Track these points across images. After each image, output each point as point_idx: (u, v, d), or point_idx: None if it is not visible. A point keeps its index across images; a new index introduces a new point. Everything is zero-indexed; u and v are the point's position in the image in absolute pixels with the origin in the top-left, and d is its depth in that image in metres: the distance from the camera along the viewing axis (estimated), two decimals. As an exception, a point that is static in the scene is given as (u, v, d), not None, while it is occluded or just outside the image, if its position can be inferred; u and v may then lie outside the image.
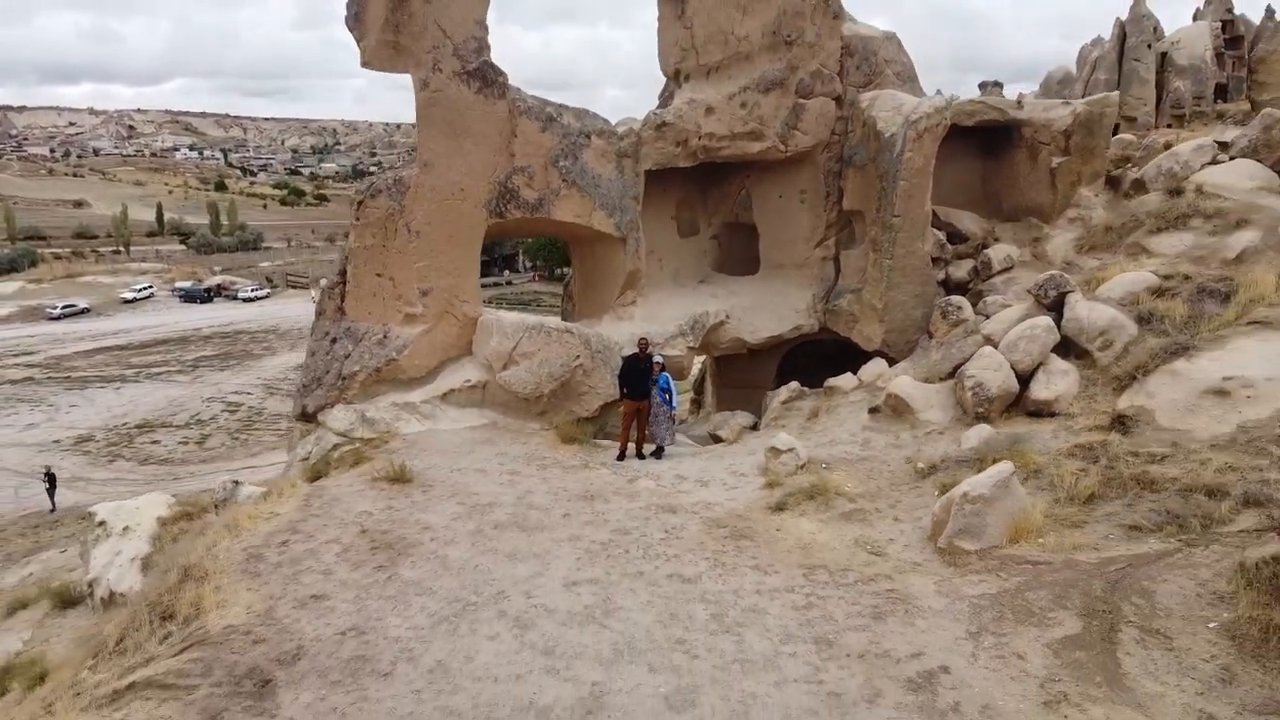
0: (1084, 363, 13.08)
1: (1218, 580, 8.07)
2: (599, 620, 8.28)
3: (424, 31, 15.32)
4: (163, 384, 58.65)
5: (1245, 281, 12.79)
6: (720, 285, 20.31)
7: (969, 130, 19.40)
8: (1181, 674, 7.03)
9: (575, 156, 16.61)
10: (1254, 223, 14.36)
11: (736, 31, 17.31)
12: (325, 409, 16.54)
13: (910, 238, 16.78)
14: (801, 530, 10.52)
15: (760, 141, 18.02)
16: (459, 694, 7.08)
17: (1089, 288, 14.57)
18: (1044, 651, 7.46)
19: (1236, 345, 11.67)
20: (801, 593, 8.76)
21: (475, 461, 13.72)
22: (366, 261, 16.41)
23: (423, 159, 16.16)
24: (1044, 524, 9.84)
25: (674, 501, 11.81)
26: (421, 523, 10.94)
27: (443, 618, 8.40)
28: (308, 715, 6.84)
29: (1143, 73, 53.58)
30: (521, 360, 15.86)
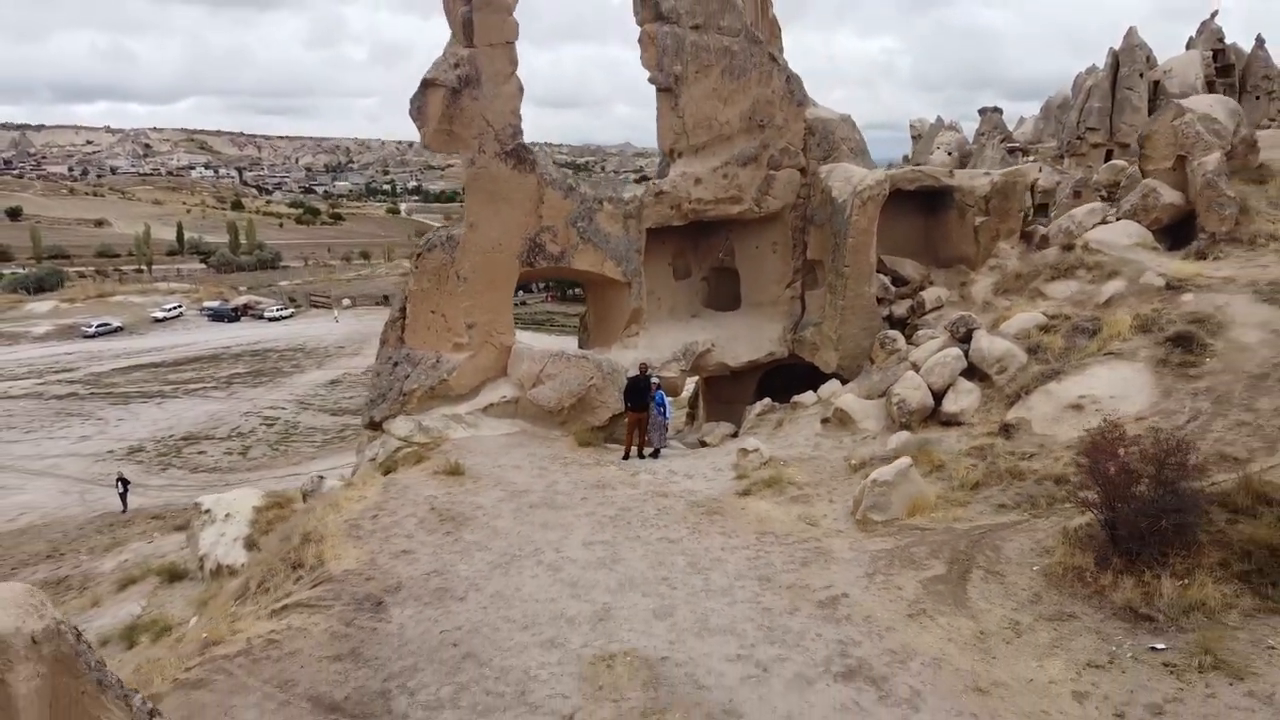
0: (985, 384, 15.45)
1: (1048, 540, 10.45)
2: (608, 566, 10.72)
3: (472, 122, 17.87)
4: (201, 399, 57.50)
5: (1108, 321, 15.16)
6: (708, 319, 22.61)
7: (912, 193, 21.76)
8: (1006, 598, 9.44)
9: (590, 218, 19.10)
10: (1122, 274, 16.71)
11: (719, 118, 19.77)
12: (389, 419, 18.94)
13: (857, 283, 19.24)
14: (759, 509, 12.91)
15: (739, 205, 20.39)
16: (512, 609, 9.53)
17: (995, 324, 16.98)
18: (916, 585, 9.87)
19: (1093, 371, 14.07)
20: (753, 549, 11.18)
21: (511, 460, 16.07)
22: (423, 301, 18.91)
23: (469, 220, 18.69)
24: (936, 503, 12.23)
25: (666, 489, 14.19)
26: (475, 503, 13.37)
27: (497, 564, 10.86)
28: (411, 622, 9.30)
29: (1135, 101, 52.45)
30: (547, 380, 18.30)
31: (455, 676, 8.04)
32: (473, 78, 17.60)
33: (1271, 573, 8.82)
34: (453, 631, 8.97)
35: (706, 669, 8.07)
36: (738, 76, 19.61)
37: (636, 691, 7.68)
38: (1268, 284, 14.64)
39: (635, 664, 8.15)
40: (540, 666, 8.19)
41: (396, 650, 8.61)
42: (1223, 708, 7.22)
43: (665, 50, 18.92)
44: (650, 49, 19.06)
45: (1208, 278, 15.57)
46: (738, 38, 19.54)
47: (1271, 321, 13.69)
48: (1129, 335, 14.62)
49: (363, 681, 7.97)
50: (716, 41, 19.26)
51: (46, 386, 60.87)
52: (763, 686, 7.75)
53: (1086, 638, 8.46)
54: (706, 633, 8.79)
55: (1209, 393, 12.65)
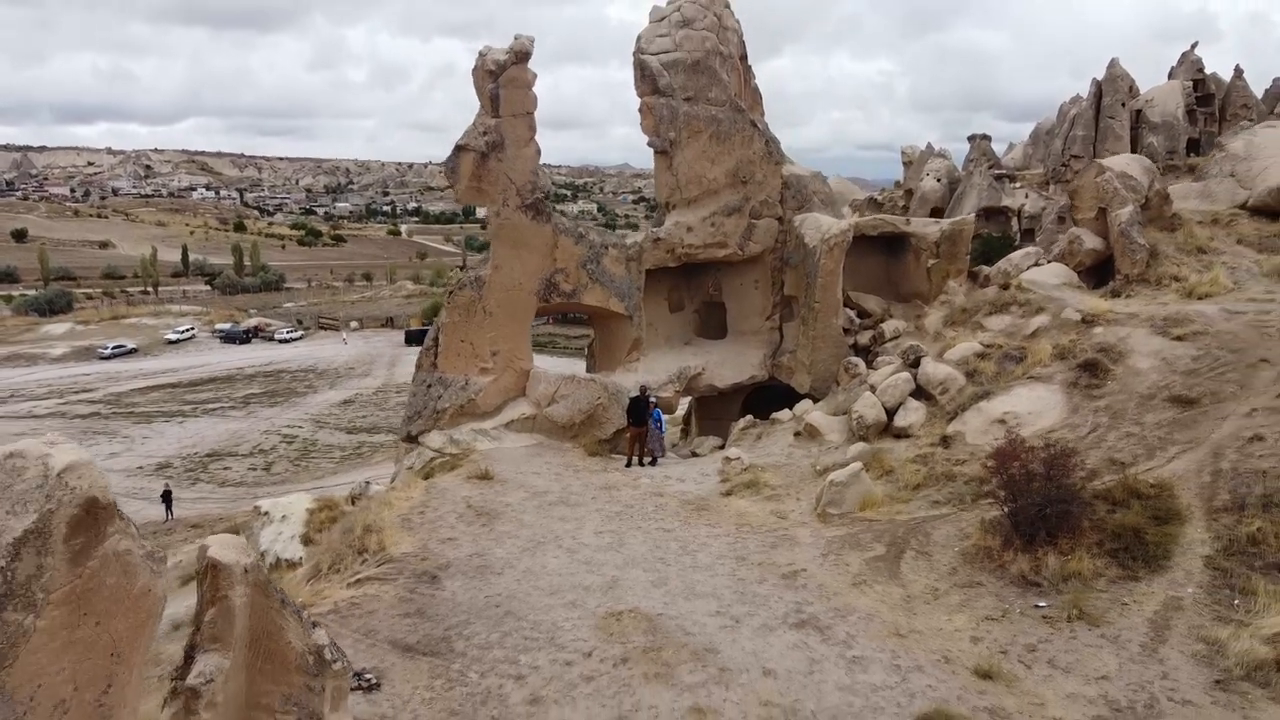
0: (930, 402, 17.27)
1: (968, 528, 12.23)
2: (615, 549, 12.52)
3: (498, 180, 19.81)
4: (220, 419, 56.46)
5: (1032, 350, 17.00)
6: (699, 346, 24.39)
7: (875, 238, 23.75)
8: (930, 571, 11.26)
9: (598, 261, 21.00)
10: (1047, 310, 18.57)
11: (708, 176, 21.69)
12: (424, 433, 20.72)
13: (826, 316, 21.12)
14: (739, 505, 14.69)
15: (725, 249, 22.22)
16: (540, 581, 11.33)
17: (941, 352, 18.82)
18: (860, 562, 11.68)
19: (1017, 392, 15.90)
20: (732, 536, 12.98)
21: (531, 467, 17.82)
22: (454, 332, 20.76)
23: (494, 263, 20.60)
24: (883, 500, 14.02)
25: (662, 490, 15.98)
26: (503, 501, 15.16)
27: (525, 548, 12.65)
28: (460, 590, 11.09)
29: (1117, 129, 51.31)
30: (560, 400, 20.12)
31: (499, 627, 9.83)
32: (498, 143, 19.56)
33: (1134, 549, 10.64)
34: (495, 596, 10.76)
35: (692, 621, 9.87)
36: (724, 140, 21.61)
37: (639, 637, 9.47)
38: (1163, 319, 16.49)
39: (638, 618, 9.95)
40: (565, 620, 9.99)
41: (451, 610, 10.40)
42: (1080, 645, 9.04)
43: (662, 119, 20.94)
44: (649, 118, 21.07)
45: (1116, 313, 17.43)
46: (723, 107, 21.55)
47: (1162, 351, 15.54)
48: (1048, 362, 16.43)
49: (428, 631, 9.76)
50: (705, 111, 21.27)
51: (69, 406, 59.99)
52: (735, 633, 9.56)
53: (988, 599, 10.28)
54: (693, 596, 10.60)
55: (1107, 410, 14.49)
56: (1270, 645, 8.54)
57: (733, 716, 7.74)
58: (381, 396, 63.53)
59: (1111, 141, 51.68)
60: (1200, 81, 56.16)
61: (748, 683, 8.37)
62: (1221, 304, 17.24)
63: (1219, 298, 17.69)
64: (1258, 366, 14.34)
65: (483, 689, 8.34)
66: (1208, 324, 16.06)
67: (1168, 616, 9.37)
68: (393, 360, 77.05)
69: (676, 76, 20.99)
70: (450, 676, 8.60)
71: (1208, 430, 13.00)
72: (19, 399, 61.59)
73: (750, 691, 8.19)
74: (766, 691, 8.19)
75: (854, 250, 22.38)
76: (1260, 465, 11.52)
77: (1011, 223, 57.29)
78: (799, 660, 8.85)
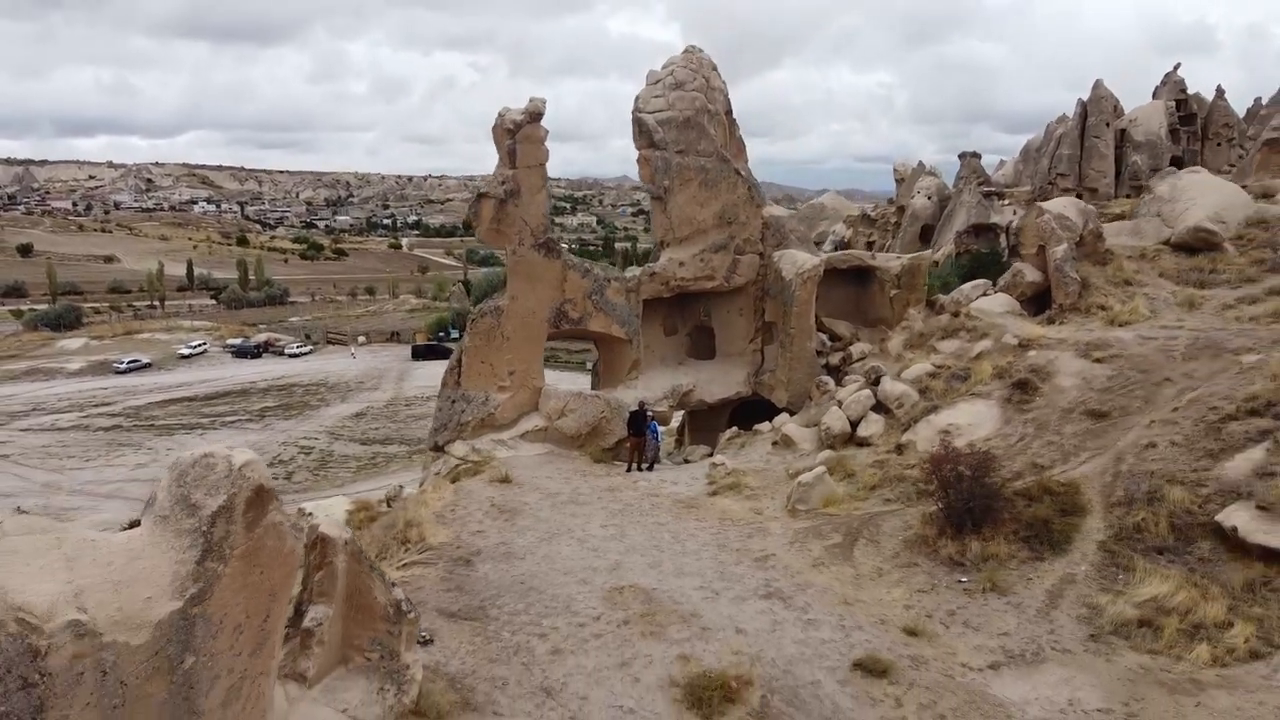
0: (888, 415, 18.94)
1: (911, 521, 13.85)
2: (617, 539, 14.15)
3: (514, 223, 21.56)
4: (238, 431, 55.79)
5: (975, 370, 18.67)
6: (690, 366, 26.05)
7: (845, 270, 25.56)
8: (877, 555, 12.91)
9: (601, 292, 22.71)
10: (990, 335, 20.24)
11: (697, 218, 23.45)
12: (450, 443, 22.33)
13: (801, 340, 22.84)
14: (723, 504, 16.33)
15: (713, 281, 23.94)
16: (556, 563, 12.95)
17: (899, 372, 20.52)
18: (821, 548, 13.32)
19: (960, 407, 17.59)
20: (716, 529, 14.60)
21: (544, 472, 19.40)
22: (476, 354, 22.44)
23: (511, 294, 22.30)
24: (843, 498, 15.68)
25: (658, 491, 17.57)
26: (522, 501, 16.78)
27: (543, 538, 14.27)
28: (491, 571, 12.71)
29: (1102, 148, 50.45)
30: (569, 414, 21.76)
31: (524, 599, 11.48)
32: (515, 191, 21.33)
33: (1043, 536, 12.30)
34: (519, 576, 12.41)
35: (680, 594, 11.52)
36: (711, 187, 23.41)
37: (637, 605, 11.12)
38: (1086, 344, 18.21)
39: (636, 591, 11.59)
40: (577, 593, 11.63)
41: (484, 586, 12.04)
42: (989, 610, 10.71)
43: (657, 169, 22.75)
44: (646, 168, 22.89)
45: (1048, 339, 19.14)
46: (711, 158, 23.35)
47: (1083, 371, 17.25)
48: (988, 381, 18.12)
49: (467, 601, 11.40)
50: (695, 162, 23.08)
51: (90, 419, 59.37)
52: (714, 602, 11.21)
53: (921, 576, 11.94)
54: (681, 575, 12.25)
55: (1034, 421, 16.18)
56: (1137, 608, 10.23)
57: (710, 661, 9.38)
58: (392, 409, 63.30)
59: (1096, 160, 50.94)
60: (1183, 101, 55.43)
61: (723, 638, 10.02)
62: (1138, 330, 18.95)
63: (1137, 325, 19.39)
64: (1161, 385, 16.04)
65: (514, 643, 9.99)
66: (1123, 348, 17.79)
67: (1062, 588, 11.05)
68: (400, 374, 76.49)
69: (670, 132, 22.82)
70: (487, 635, 10.25)
71: (1114, 439, 14.68)
72: (41, 412, 61.69)
73: (725, 644, 9.85)
74: (738, 644, 9.84)
75: (826, 281, 24.14)
76: (1150, 467, 13.20)
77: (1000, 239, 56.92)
78: (765, 622, 10.51)
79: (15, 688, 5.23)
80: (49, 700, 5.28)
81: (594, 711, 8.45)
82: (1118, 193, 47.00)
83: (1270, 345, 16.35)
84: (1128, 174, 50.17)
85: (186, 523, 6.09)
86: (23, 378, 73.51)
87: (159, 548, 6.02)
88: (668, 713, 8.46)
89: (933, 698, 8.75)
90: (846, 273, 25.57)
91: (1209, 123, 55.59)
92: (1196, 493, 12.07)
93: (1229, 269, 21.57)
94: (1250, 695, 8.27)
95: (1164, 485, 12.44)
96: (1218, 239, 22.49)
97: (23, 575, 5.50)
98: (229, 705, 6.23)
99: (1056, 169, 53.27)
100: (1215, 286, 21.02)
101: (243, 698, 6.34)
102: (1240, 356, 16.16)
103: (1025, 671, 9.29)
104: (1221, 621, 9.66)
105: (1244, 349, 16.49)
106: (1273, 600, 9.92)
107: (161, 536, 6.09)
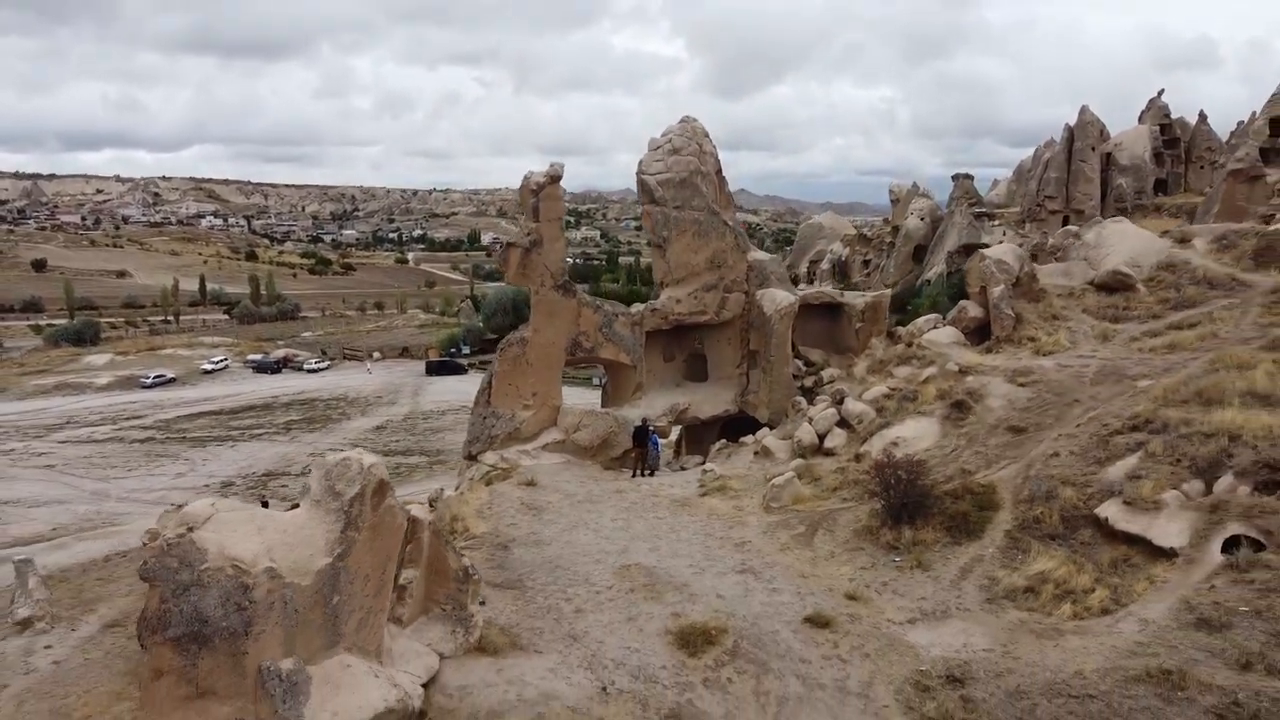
0: (849, 430, 21.02)
1: (861, 515, 15.86)
2: (624, 530, 16.24)
3: (537, 267, 23.85)
4: (267, 443, 54.61)
5: (922, 392, 20.78)
6: (687, 388, 28.16)
7: (819, 305, 27.83)
8: (832, 541, 14.97)
9: (610, 325, 24.96)
10: (936, 363, 22.34)
11: (691, 263, 25.72)
12: (482, 453, 24.40)
13: (780, 366, 25.02)
14: (711, 503, 18.40)
15: (705, 315, 26.13)
16: (576, 548, 15.04)
17: (861, 394, 22.64)
18: (788, 537, 15.41)
19: (907, 423, 19.63)
20: (704, 522, 16.66)
21: (563, 477, 21.40)
22: (504, 379, 24.63)
23: (534, 327, 24.51)
24: (809, 497, 17.74)
25: (657, 493, 19.58)
26: (545, 500, 18.85)
27: (564, 529, 16.36)
28: (524, 554, 14.80)
29: (1088, 172, 50.14)
30: (583, 428, 23.91)
31: (552, 574, 13.60)
32: (538, 241, 23.64)
33: (963, 527, 14.33)
34: (547, 557, 14.53)
35: (675, 570, 13.62)
36: (703, 236, 25.71)
37: (641, 578, 13.22)
38: (1013, 370, 20.34)
39: (640, 569, 13.69)
40: (593, 570, 13.73)
41: (520, 565, 14.16)
42: (913, 582, 12.80)
43: (657, 222, 25.08)
44: (649, 221, 25.22)
45: (984, 366, 21.27)
46: (703, 212, 25.68)
47: (1009, 394, 19.35)
48: (932, 401, 20.20)
49: (508, 576, 13.52)
50: (689, 215, 25.41)
51: (124, 432, 57.84)
52: (701, 576, 13.32)
53: (864, 557, 14.03)
54: (675, 556, 14.36)
55: (966, 435, 18.28)
56: (1026, 580, 12.32)
57: (696, 617, 11.49)
58: (410, 423, 61.71)
59: (1082, 183, 50.51)
60: (1167, 125, 54.96)
61: (707, 601, 12.14)
62: (1059, 359, 21.07)
63: (1058, 354, 21.50)
64: (1071, 405, 18.14)
65: (546, 605, 12.12)
66: (1044, 374, 19.91)
67: (972, 565, 13.15)
68: (416, 389, 74.51)
69: (668, 191, 25.16)
70: (526, 599, 12.38)
71: (1028, 449, 16.77)
72: (75, 425, 60.07)
73: (708, 605, 11.97)
74: (717, 605, 11.96)
75: (802, 314, 26.38)
76: (1052, 472, 15.28)
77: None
78: (739, 590, 12.63)
79: (233, 610, 7.43)
80: (254, 619, 7.48)
81: (609, 651, 10.58)
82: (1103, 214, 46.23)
83: (1162, 372, 18.46)
84: (1113, 196, 49.63)
85: (333, 505, 8.30)
86: (53, 392, 71.65)
87: (315, 521, 8.23)
88: (664, 651, 10.57)
89: (862, 642, 10.86)
90: (819, 307, 27.80)
91: (1192, 146, 54.84)
92: (1083, 492, 14.14)
93: (1139, 306, 23.73)
94: (1095, 639, 10.36)
95: (1059, 486, 14.51)
96: (1131, 281, 24.67)
97: (234, 539, 7.72)
98: (360, 630, 8.41)
99: (1044, 191, 52.56)
100: (1127, 321, 23.16)
101: (368, 626, 8.51)
102: (1137, 381, 18.28)
103: (934, 625, 11.39)
104: (1087, 588, 11.74)
105: (1140, 375, 18.61)
106: (1129, 573, 12.02)
107: (316, 514, 8.30)
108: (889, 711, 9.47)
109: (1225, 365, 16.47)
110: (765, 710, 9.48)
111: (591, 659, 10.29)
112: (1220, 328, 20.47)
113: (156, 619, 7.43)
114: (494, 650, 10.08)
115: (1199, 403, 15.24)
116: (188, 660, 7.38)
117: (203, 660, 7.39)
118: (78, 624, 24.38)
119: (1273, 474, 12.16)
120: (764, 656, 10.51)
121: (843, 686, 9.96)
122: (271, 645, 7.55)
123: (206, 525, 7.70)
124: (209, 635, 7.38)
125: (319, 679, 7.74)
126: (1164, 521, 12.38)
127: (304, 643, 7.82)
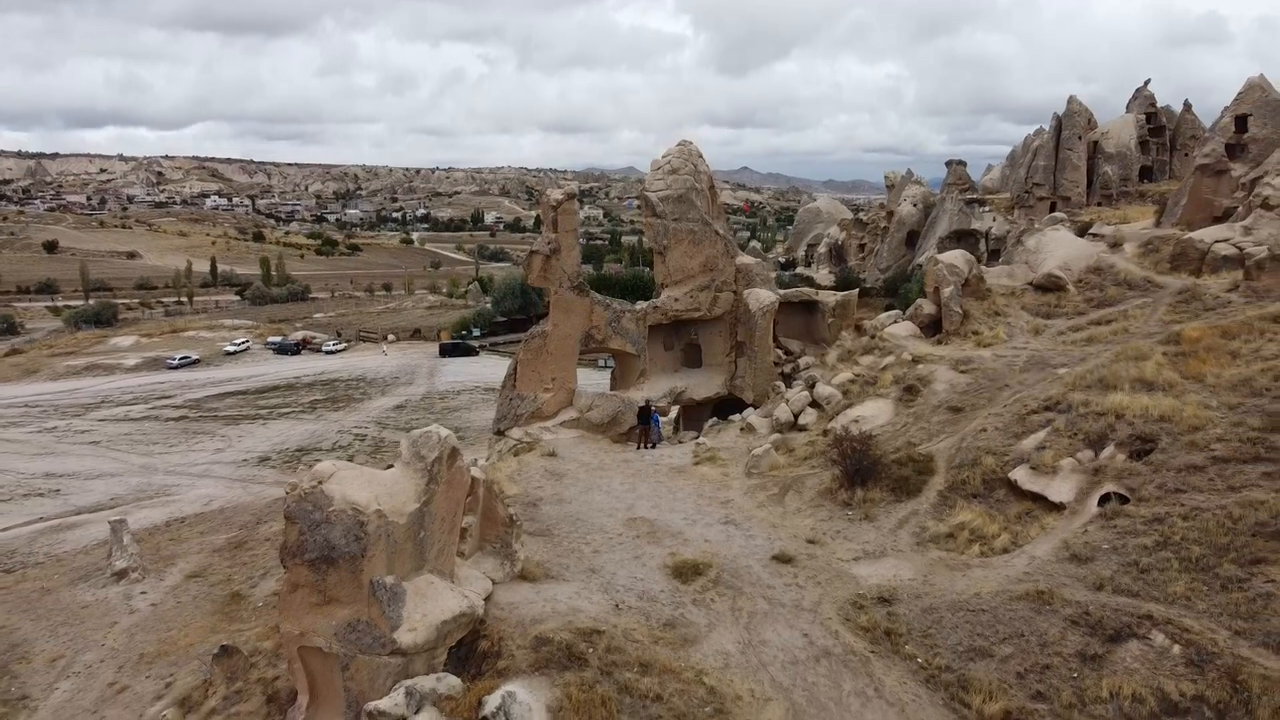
0: (820, 410, 23.04)
1: (825, 479, 17.92)
2: (631, 491, 18.34)
3: (556, 271, 25.84)
4: (295, 421, 53.21)
5: (880, 378, 22.81)
6: (684, 373, 30.15)
7: (797, 303, 29.74)
8: (799, 500, 17.06)
9: (618, 321, 26.97)
10: (894, 353, 24.28)
11: (687, 267, 27.65)
12: (509, 429, 26.56)
13: (763, 355, 27.05)
14: (703, 470, 20.46)
15: (700, 312, 28.06)
16: (592, 506, 17.15)
17: (831, 379, 24.66)
18: (764, 496, 17.48)
19: (867, 404, 21.59)
20: (696, 485, 18.77)
21: (578, 450, 23.43)
22: (528, 365, 26.70)
23: (553, 322, 26.53)
24: (783, 465, 19.78)
25: (659, 463, 21.61)
26: (565, 468, 20.94)
27: (582, 491, 18.46)
28: (550, 510, 16.92)
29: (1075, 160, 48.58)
30: (595, 409, 26.01)
31: (574, 525, 15.70)
32: (557, 249, 25.60)
33: (904, 488, 16.34)
34: (569, 512, 16.63)
35: (671, 522, 15.72)
36: (698, 244, 27.63)
37: (644, 528, 15.34)
38: (956, 359, 22.29)
39: (644, 521, 15.81)
40: (606, 522, 15.82)
41: (547, 518, 16.27)
42: (861, 531, 14.89)
43: (658, 232, 27.01)
44: (650, 231, 27.15)
45: (934, 356, 23.22)
46: (698, 223, 27.56)
47: (952, 380, 21.32)
48: (888, 386, 22.18)
49: (538, 526, 15.63)
50: (686, 226, 27.32)
51: (158, 411, 56.57)
52: (693, 526, 15.42)
53: (824, 512, 16.11)
54: (673, 512, 16.46)
55: (914, 414, 20.27)
56: (949, 529, 14.39)
57: (688, 555, 13.61)
58: (428, 402, 59.75)
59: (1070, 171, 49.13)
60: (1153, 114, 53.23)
61: (696, 545, 14.25)
62: (996, 350, 23.01)
63: (996, 346, 23.45)
64: (1002, 389, 20.12)
65: (570, 547, 14.24)
66: (982, 363, 21.88)
67: (908, 518, 15.22)
68: (431, 371, 71.68)
69: (668, 205, 27.05)
70: (554, 543, 14.50)
71: (962, 426, 18.78)
72: (110, 404, 58.80)
73: (698, 548, 14.08)
74: (705, 547, 14.07)
75: (783, 310, 28.31)
76: (979, 444, 17.28)
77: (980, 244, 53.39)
78: (723, 536, 14.74)
79: (353, 539, 9.54)
80: (368, 546, 9.59)
81: (619, 580, 12.70)
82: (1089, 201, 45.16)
83: (1078, 362, 20.41)
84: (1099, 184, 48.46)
85: (418, 465, 10.39)
86: (84, 373, 69.42)
87: (407, 477, 10.32)
88: (662, 580, 12.70)
89: (815, 574, 12.97)
90: (798, 305, 29.74)
91: (1177, 134, 53.23)
92: (1001, 459, 16.16)
93: (1068, 305, 25.64)
94: (994, 571, 12.44)
95: (983, 455, 16.54)
96: (1063, 282, 26.57)
97: (351, 488, 9.82)
98: (439, 558, 10.53)
99: (1033, 179, 51.18)
100: (1056, 318, 25.08)
101: (444, 555, 10.63)
102: (1057, 370, 20.25)
103: (873, 561, 13.49)
104: (994, 534, 13.81)
105: (1060, 364, 20.57)
106: (1029, 522, 14.08)
107: (406, 472, 10.39)
108: (831, 622, 11.58)
109: (1125, 357, 18.43)
110: (739, 621, 11.60)
111: (607, 585, 12.41)
112: (1131, 324, 22.39)
113: (296, 546, 9.53)
114: (532, 578, 12.20)
115: (1099, 388, 17.23)
116: (319, 576, 9.49)
117: (329, 576, 9.50)
118: (164, 574, 26.57)
119: (1144, 444, 14.19)
120: (739, 584, 12.63)
121: (798, 605, 12.07)
122: (379, 566, 9.67)
123: (331, 480, 9.79)
124: (335, 558, 9.48)
125: (411, 591, 9.87)
126: (1059, 482, 14.43)
127: (400, 565, 9.94)
